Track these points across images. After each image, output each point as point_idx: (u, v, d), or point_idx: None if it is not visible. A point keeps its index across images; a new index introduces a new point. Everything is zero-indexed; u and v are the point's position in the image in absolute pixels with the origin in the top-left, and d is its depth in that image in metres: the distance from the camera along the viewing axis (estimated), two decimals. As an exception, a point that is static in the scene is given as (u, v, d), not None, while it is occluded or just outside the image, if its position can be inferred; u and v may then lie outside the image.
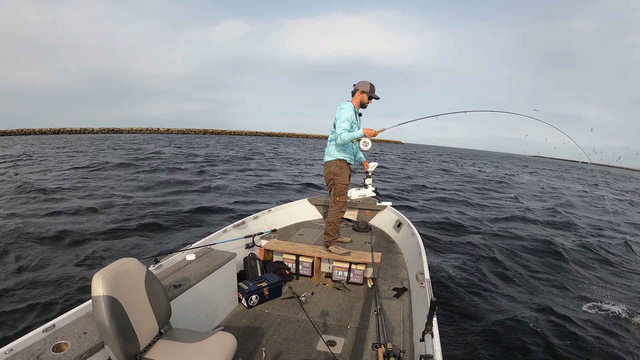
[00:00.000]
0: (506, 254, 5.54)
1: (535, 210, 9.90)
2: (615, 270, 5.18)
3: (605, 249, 6.27)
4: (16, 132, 57.48)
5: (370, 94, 3.11)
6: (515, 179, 22.27)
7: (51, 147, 26.71)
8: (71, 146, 28.21)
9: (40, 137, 47.08)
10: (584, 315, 3.68)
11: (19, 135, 54.11)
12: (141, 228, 6.81)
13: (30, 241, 6.17)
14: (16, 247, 5.82)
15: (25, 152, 21.32)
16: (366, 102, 3.15)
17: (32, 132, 59.68)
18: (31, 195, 9.35)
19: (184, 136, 69.47)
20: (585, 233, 7.51)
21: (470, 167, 30.31)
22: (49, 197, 9.33)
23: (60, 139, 41.56)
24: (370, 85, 3.10)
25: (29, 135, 55.61)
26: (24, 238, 6.43)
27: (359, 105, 3.17)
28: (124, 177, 12.97)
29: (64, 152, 22.31)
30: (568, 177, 29.62)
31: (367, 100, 3.13)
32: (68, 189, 10.41)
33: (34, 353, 1.40)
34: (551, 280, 4.53)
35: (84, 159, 18.17)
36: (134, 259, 1.57)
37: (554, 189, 17.56)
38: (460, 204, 10.34)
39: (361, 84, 3.13)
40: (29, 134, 58.21)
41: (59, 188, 10.46)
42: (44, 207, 8.36)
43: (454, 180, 17.13)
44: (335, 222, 3.22)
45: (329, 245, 3.24)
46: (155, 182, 11.89)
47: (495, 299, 3.94)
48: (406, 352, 2.00)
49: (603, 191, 19.16)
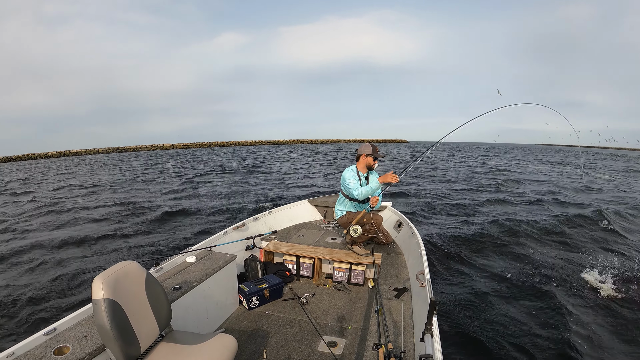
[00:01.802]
0: (507, 253, 5.54)
1: (546, 204, 9.77)
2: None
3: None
4: (22, 158, 57.17)
5: (374, 156, 3.37)
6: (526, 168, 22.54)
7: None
8: (93, 166, 28.16)
9: (54, 160, 47.05)
10: (586, 314, 3.67)
11: (27, 160, 53.79)
12: (142, 231, 6.82)
13: (31, 246, 6.19)
14: (17, 252, 5.83)
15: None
16: (372, 164, 3.41)
17: (37, 157, 59.47)
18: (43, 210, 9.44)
19: (188, 150, 69.76)
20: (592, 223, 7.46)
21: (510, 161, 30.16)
22: (51, 209, 9.40)
23: (70, 161, 41.52)
24: (372, 147, 3.38)
25: (34, 159, 55.46)
26: (26, 244, 6.45)
27: (365, 169, 3.46)
28: (124, 186, 13.04)
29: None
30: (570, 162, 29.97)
31: (373, 162, 3.39)
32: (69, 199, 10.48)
33: (36, 356, 1.40)
34: (553, 279, 4.53)
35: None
36: (134, 262, 1.57)
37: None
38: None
39: (363, 148, 3.41)
40: (35, 158, 58.04)
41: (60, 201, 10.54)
42: (51, 216, 8.40)
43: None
44: (369, 231, 3.42)
45: (354, 243, 3.37)
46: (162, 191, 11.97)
47: (496, 298, 3.93)
48: (407, 352, 2.00)
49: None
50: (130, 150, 75.75)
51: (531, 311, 3.68)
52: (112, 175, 18.83)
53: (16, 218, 8.63)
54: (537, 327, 3.38)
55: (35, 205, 10.24)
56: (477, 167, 22.09)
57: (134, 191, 12.12)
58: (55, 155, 63.16)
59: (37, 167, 32.51)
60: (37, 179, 19.50)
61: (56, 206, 9.89)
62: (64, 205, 10.00)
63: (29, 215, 8.93)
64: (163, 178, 16.47)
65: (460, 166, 23.05)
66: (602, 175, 18.99)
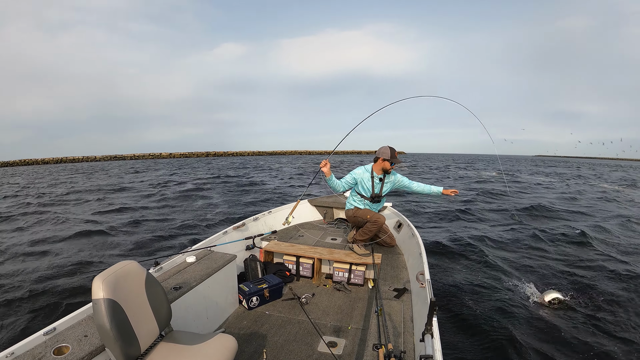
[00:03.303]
0: (508, 253, 5.54)
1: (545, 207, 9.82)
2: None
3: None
4: (19, 163, 56.88)
5: (391, 160, 3.39)
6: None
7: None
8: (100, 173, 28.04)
9: (56, 166, 46.91)
10: (588, 313, 3.67)
11: (23, 166, 53.54)
12: (142, 231, 6.82)
13: (31, 246, 6.18)
14: (16, 252, 5.83)
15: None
16: (389, 168, 3.45)
17: (34, 162, 59.18)
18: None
19: (187, 159, 69.63)
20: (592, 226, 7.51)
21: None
22: (46, 209, 9.39)
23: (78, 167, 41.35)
24: (390, 151, 3.39)
25: (31, 165, 55.24)
26: (24, 244, 6.44)
27: (380, 171, 3.50)
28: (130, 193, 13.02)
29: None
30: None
31: (390, 166, 3.43)
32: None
33: (35, 356, 1.40)
34: (554, 279, 4.53)
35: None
36: (134, 262, 1.57)
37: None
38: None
39: (381, 151, 3.43)
40: (31, 164, 57.76)
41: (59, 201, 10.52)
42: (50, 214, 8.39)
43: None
44: (370, 230, 3.48)
45: (355, 241, 3.48)
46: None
47: (496, 298, 3.93)
48: (407, 352, 2.00)
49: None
50: (128, 159, 75.60)
51: (532, 312, 3.68)
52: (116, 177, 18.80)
53: (15, 216, 8.62)
54: (538, 328, 3.38)
55: (34, 202, 10.23)
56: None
57: (135, 191, 12.13)
58: (52, 161, 63.06)
59: (37, 172, 32.38)
60: (41, 181, 19.48)
61: (53, 205, 9.89)
62: (62, 204, 10.00)
63: (28, 213, 8.92)
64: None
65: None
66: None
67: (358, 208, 3.63)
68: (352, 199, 3.70)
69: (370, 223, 3.45)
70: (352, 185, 3.59)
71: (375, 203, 3.63)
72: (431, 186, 3.56)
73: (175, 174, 24.39)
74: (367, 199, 3.58)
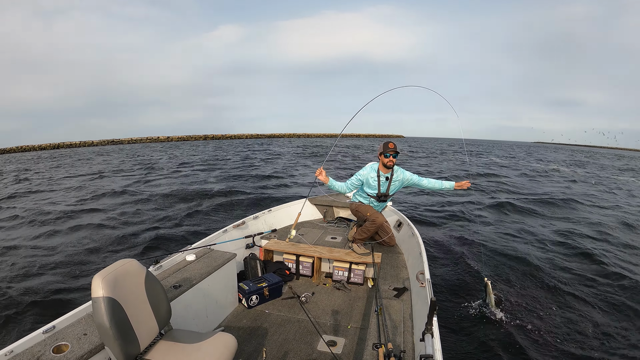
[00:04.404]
0: (508, 252, 5.54)
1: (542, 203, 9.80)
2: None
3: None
4: (15, 150, 56.18)
5: (384, 152, 3.38)
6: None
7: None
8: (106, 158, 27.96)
9: (60, 151, 46.62)
10: (589, 313, 3.67)
11: (19, 152, 53.05)
12: (142, 229, 6.81)
13: (31, 243, 6.18)
14: (15, 249, 5.83)
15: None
16: (386, 161, 3.38)
17: (31, 149, 58.48)
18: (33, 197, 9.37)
19: (184, 142, 69.31)
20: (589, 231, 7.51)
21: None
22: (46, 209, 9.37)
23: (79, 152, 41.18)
24: (382, 145, 3.43)
25: (28, 151, 54.87)
26: (24, 240, 6.44)
27: (384, 168, 3.47)
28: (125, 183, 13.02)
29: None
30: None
31: (386, 159, 3.37)
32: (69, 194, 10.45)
33: (34, 354, 1.40)
34: (555, 279, 4.53)
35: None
36: (133, 260, 1.57)
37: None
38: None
39: (379, 147, 3.47)
40: (29, 150, 57.09)
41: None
42: (46, 209, 8.38)
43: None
44: (368, 229, 3.45)
45: (354, 241, 3.46)
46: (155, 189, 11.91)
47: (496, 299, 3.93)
48: (407, 352, 2.00)
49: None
50: (125, 143, 74.68)
51: (532, 311, 3.68)
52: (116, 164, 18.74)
53: (15, 212, 8.61)
54: (537, 327, 3.38)
55: (31, 190, 10.16)
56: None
57: (135, 187, 12.10)
58: (50, 147, 62.07)
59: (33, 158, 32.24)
60: (37, 169, 19.42)
61: (53, 202, 9.87)
62: (61, 200, 9.98)
63: (25, 208, 8.91)
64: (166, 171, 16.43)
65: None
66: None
67: (361, 203, 3.65)
68: (359, 193, 3.72)
69: (369, 222, 3.44)
70: (357, 186, 3.57)
71: (381, 202, 3.61)
72: (443, 181, 3.52)
73: (194, 160, 23.65)
74: (373, 197, 3.57)
